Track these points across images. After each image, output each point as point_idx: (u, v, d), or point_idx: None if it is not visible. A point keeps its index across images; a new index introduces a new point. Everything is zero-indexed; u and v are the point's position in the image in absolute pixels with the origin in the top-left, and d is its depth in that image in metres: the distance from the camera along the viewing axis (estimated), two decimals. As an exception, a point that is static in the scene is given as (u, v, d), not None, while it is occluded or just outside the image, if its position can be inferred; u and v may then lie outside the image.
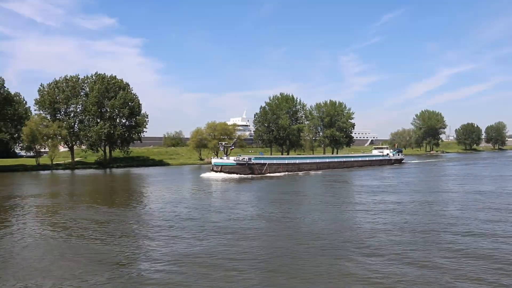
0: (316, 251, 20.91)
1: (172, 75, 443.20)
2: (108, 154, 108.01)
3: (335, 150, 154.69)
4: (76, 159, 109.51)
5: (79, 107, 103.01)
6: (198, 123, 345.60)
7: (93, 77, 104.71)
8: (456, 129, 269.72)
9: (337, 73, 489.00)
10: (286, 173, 78.81)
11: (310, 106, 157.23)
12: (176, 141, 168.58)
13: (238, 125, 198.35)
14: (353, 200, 40.83)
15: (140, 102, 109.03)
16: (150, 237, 24.84)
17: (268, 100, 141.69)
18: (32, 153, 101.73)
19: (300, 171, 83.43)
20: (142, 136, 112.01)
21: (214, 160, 76.40)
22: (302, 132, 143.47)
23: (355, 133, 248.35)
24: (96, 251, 21.68)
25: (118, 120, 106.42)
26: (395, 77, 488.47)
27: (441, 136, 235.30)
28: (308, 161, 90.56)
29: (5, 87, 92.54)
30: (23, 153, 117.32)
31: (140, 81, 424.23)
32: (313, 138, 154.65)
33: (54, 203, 40.27)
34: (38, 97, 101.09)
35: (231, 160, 74.58)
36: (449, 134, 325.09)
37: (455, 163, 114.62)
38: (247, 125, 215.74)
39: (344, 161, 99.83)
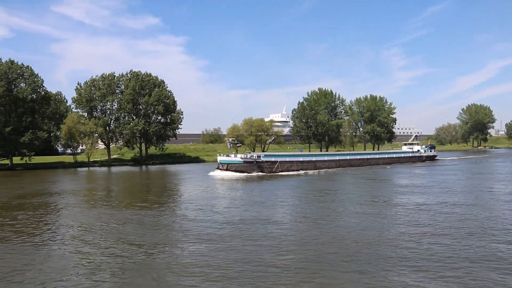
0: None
1: (215, 73, 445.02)
2: (144, 151, 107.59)
3: (376, 146, 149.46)
4: (114, 156, 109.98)
5: (114, 105, 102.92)
6: (240, 120, 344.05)
7: (128, 74, 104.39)
8: (506, 124, 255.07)
9: (381, 68, 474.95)
10: (301, 171, 72.56)
11: (350, 101, 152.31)
12: (215, 137, 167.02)
13: (277, 121, 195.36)
14: (371, 201, 36.26)
15: (175, 99, 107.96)
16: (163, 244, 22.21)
17: (306, 96, 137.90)
18: (71, 151, 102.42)
19: (317, 169, 76.43)
20: (178, 132, 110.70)
21: (220, 158, 70.08)
22: (341, 128, 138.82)
23: (398, 129, 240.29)
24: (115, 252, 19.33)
25: (153, 117, 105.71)
26: (442, 71, 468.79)
27: (489, 130, 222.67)
28: (326, 158, 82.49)
29: (43, 86, 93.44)
30: (67, 150, 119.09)
31: (184, 79, 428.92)
32: (353, 134, 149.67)
33: (87, 201, 39.32)
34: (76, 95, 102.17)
35: (238, 157, 69.30)
36: (499, 129, 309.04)
37: (501, 160, 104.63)
38: (286, 121, 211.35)
39: (367, 158, 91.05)
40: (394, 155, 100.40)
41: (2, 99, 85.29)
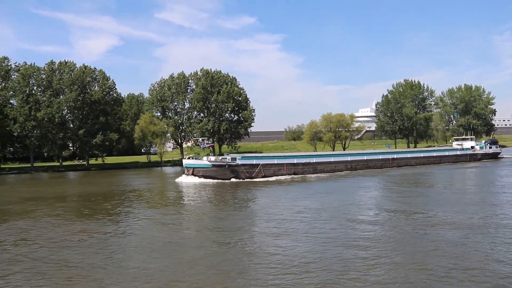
0: None
1: (312, 69, 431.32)
2: (218, 150, 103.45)
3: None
4: (189, 155, 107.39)
5: (186, 104, 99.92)
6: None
7: (199, 73, 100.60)
8: None
9: (490, 55, 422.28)
10: (293, 176, 57.02)
11: (442, 92, 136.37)
12: (297, 134, 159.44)
13: (363, 116, 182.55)
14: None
15: (248, 97, 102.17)
16: None
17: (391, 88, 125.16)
18: (144, 150, 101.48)
19: (318, 173, 60.02)
20: (250, 130, 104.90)
21: (186, 161, 57.16)
22: (431, 122, 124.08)
23: (501, 121, 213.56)
24: None
25: (227, 115, 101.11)
26: None
27: None
28: (332, 159, 64.79)
29: (116, 88, 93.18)
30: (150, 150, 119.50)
31: (282, 76, 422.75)
32: (445, 127, 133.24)
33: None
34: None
35: (206, 161, 55.69)
36: None
37: None
38: (375, 116, 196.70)
39: (394, 158, 70.90)
40: (434, 154, 78.73)
41: (78, 102, 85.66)
